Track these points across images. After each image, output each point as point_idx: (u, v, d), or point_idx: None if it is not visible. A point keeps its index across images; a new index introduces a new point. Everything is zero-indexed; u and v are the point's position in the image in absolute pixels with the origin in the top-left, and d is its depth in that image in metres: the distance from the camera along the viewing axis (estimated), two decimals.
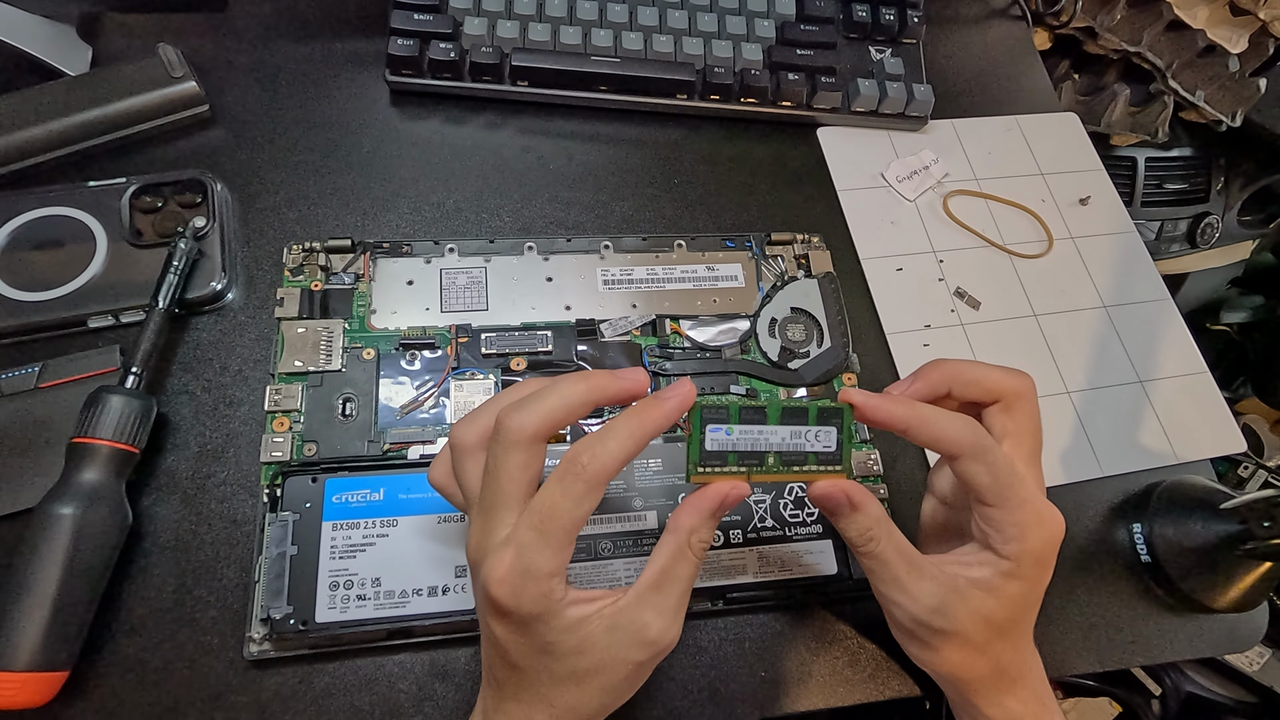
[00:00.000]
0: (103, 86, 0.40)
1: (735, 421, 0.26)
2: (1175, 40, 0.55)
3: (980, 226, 0.47)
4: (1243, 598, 0.37)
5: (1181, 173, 0.63)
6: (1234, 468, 0.54)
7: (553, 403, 0.25)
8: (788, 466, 0.26)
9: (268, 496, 0.33)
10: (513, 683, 0.26)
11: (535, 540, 0.24)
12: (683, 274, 0.42)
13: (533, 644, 0.24)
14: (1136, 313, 0.46)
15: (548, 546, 0.24)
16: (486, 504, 0.25)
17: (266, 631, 0.31)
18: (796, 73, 0.47)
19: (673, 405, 0.25)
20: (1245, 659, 0.54)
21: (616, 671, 0.25)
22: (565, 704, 0.25)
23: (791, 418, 0.26)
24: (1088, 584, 0.38)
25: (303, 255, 0.39)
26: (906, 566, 0.28)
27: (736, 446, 0.26)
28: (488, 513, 0.25)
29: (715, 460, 0.26)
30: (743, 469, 0.26)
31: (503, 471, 0.25)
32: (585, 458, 0.24)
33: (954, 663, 0.29)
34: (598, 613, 0.25)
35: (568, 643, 0.24)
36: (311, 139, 0.44)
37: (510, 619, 0.24)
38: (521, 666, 0.25)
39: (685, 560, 0.26)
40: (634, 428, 0.25)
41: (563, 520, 0.24)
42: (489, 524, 0.25)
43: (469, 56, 0.44)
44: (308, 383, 0.36)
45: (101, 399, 0.31)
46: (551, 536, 0.24)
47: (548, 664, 0.25)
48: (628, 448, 0.24)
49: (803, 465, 0.26)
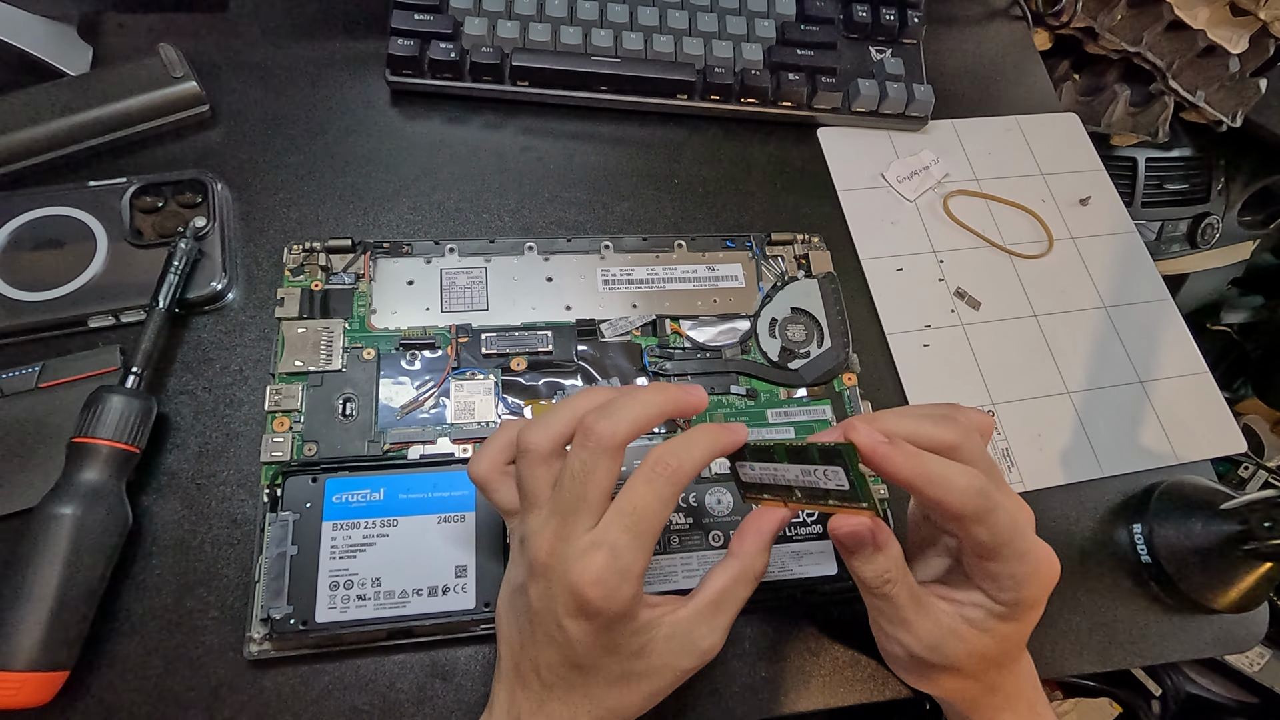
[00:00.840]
0: (103, 86, 0.40)
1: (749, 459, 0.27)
2: (1175, 40, 0.55)
3: (980, 227, 0.47)
4: (1243, 598, 0.37)
5: (1182, 173, 0.63)
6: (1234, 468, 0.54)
7: (637, 411, 0.26)
8: (814, 500, 0.26)
9: (268, 496, 0.33)
10: (565, 683, 0.26)
11: (629, 541, 0.24)
12: (683, 274, 0.42)
13: (606, 644, 0.25)
14: (1137, 313, 0.46)
15: (641, 547, 0.24)
16: (566, 507, 0.25)
17: (266, 631, 0.31)
18: (797, 73, 0.47)
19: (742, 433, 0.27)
20: (1245, 659, 0.53)
21: (664, 677, 0.26)
22: (611, 705, 0.26)
23: (796, 457, 0.26)
24: (1088, 584, 0.38)
25: (303, 255, 0.39)
26: (915, 607, 0.28)
27: (763, 480, 0.28)
28: (568, 516, 0.25)
29: (754, 490, 0.28)
30: (779, 499, 0.28)
31: (592, 476, 0.25)
32: (673, 460, 0.25)
33: (948, 689, 0.30)
34: (660, 619, 0.26)
35: (633, 645, 0.25)
36: (312, 139, 0.44)
37: (598, 619, 0.24)
38: (585, 666, 0.25)
39: (745, 585, 0.27)
40: (713, 440, 0.26)
41: (652, 521, 0.25)
42: (569, 527, 0.25)
43: (469, 56, 0.44)
44: (308, 383, 0.36)
45: (102, 399, 0.31)
46: (643, 537, 0.24)
47: (609, 664, 0.25)
48: (707, 456, 0.26)
49: (825, 500, 0.26)
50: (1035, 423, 0.42)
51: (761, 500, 0.28)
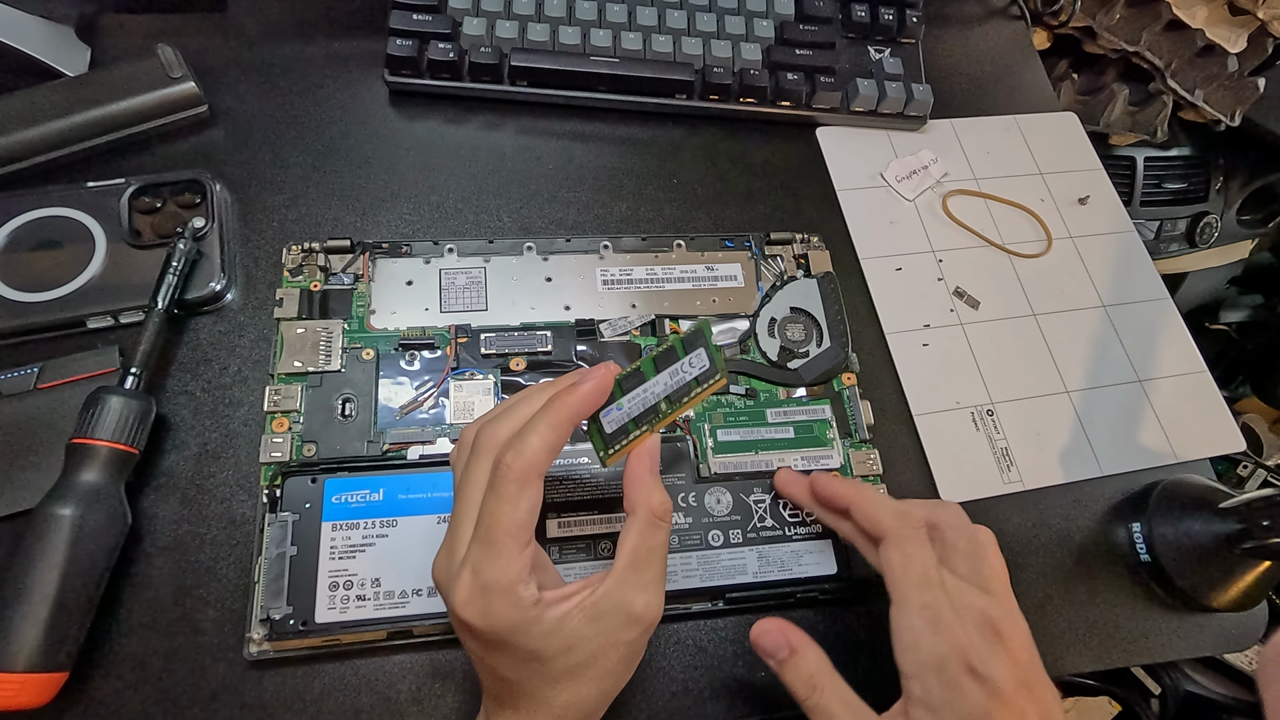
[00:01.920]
0: (102, 87, 0.40)
1: (620, 395, 0.27)
2: (1174, 40, 0.55)
3: (979, 226, 0.47)
4: (1242, 597, 0.37)
5: (1180, 172, 0.63)
6: (1233, 467, 0.54)
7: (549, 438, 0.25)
8: (678, 403, 0.27)
9: (267, 497, 0.33)
10: (509, 694, 0.25)
11: (484, 553, 0.23)
12: (682, 274, 0.42)
13: (516, 655, 0.24)
14: (1136, 312, 0.46)
15: (499, 556, 0.23)
16: (453, 523, 0.25)
17: (266, 632, 0.31)
18: (795, 72, 0.47)
19: (588, 388, 0.26)
20: (1244, 658, 0.53)
21: (609, 657, 0.25)
22: (565, 702, 0.25)
23: (664, 361, 0.28)
24: (1087, 583, 0.38)
25: (302, 255, 0.39)
26: (850, 716, 0.27)
27: (631, 414, 0.28)
28: (452, 533, 0.25)
29: (619, 437, 0.28)
30: (644, 428, 0.27)
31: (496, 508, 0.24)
32: (509, 457, 0.24)
33: None
34: (577, 606, 0.25)
35: (554, 644, 0.24)
36: (310, 139, 0.44)
37: (486, 638, 0.24)
38: (510, 678, 0.25)
39: (655, 530, 0.26)
40: (552, 418, 0.25)
41: (504, 524, 0.24)
42: (453, 543, 0.25)
43: (468, 57, 0.44)
44: (307, 383, 0.36)
45: (101, 400, 0.31)
46: (498, 544, 0.23)
47: (537, 669, 0.24)
48: (549, 439, 0.25)
49: (689, 393, 0.27)
50: (1034, 422, 0.42)
51: (625, 445, 0.27)
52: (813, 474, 0.34)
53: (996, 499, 0.40)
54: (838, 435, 0.38)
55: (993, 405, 0.42)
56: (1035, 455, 0.41)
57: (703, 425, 0.38)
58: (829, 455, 0.38)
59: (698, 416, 0.38)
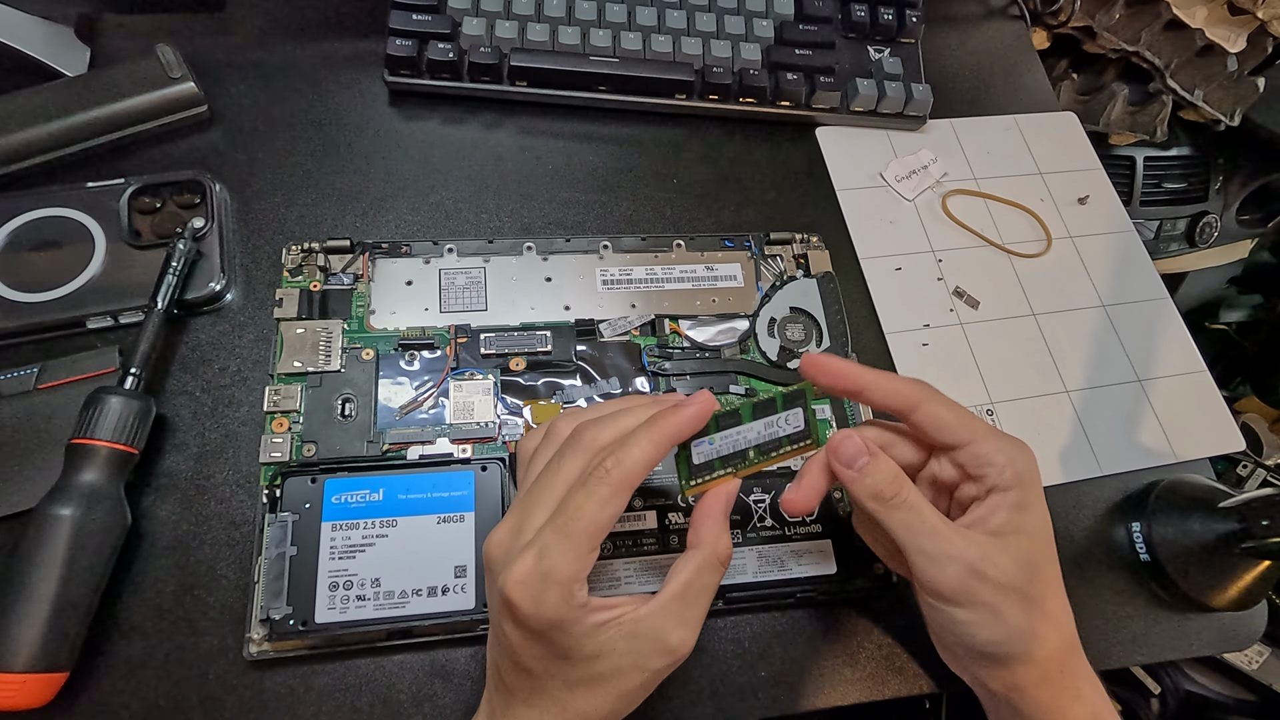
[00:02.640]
0: (101, 87, 0.40)
1: (714, 430, 0.28)
2: (1174, 39, 0.55)
3: (979, 226, 0.47)
4: (1241, 596, 0.37)
5: (1180, 172, 0.63)
6: (1233, 466, 0.54)
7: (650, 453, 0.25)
8: (766, 455, 0.28)
9: (267, 497, 0.33)
10: (524, 687, 0.25)
11: (557, 543, 0.24)
12: (682, 274, 0.42)
13: (549, 650, 0.24)
14: (1135, 312, 0.46)
15: (570, 549, 0.24)
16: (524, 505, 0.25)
17: (266, 632, 0.31)
18: (795, 72, 0.47)
19: (692, 412, 0.26)
20: (1244, 658, 0.54)
21: (632, 678, 0.25)
22: (578, 709, 0.25)
23: (762, 411, 0.28)
24: (1087, 583, 0.38)
25: (301, 256, 0.39)
26: (939, 518, 0.27)
27: (720, 452, 0.28)
28: (522, 513, 0.25)
29: (704, 470, 0.28)
30: (728, 470, 0.28)
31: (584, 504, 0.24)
32: (610, 462, 0.25)
33: (1025, 633, 0.27)
34: (617, 620, 0.25)
35: (586, 648, 0.24)
36: (310, 139, 0.44)
37: (527, 625, 0.24)
38: (534, 671, 0.25)
39: (712, 572, 0.26)
40: (656, 434, 0.25)
41: (585, 523, 0.24)
42: (521, 523, 0.25)
43: (467, 57, 0.44)
44: (307, 383, 0.36)
45: (100, 400, 0.31)
46: (574, 539, 0.24)
47: (563, 669, 0.25)
48: (649, 454, 0.25)
49: (779, 449, 0.28)
50: (1034, 422, 0.42)
51: (707, 482, 0.28)
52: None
53: None
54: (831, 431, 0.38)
55: (992, 405, 0.42)
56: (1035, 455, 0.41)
57: None
58: None
59: None
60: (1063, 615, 0.28)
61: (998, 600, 0.26)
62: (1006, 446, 0.28)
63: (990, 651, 0.28)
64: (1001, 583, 0.26)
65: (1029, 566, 0.27)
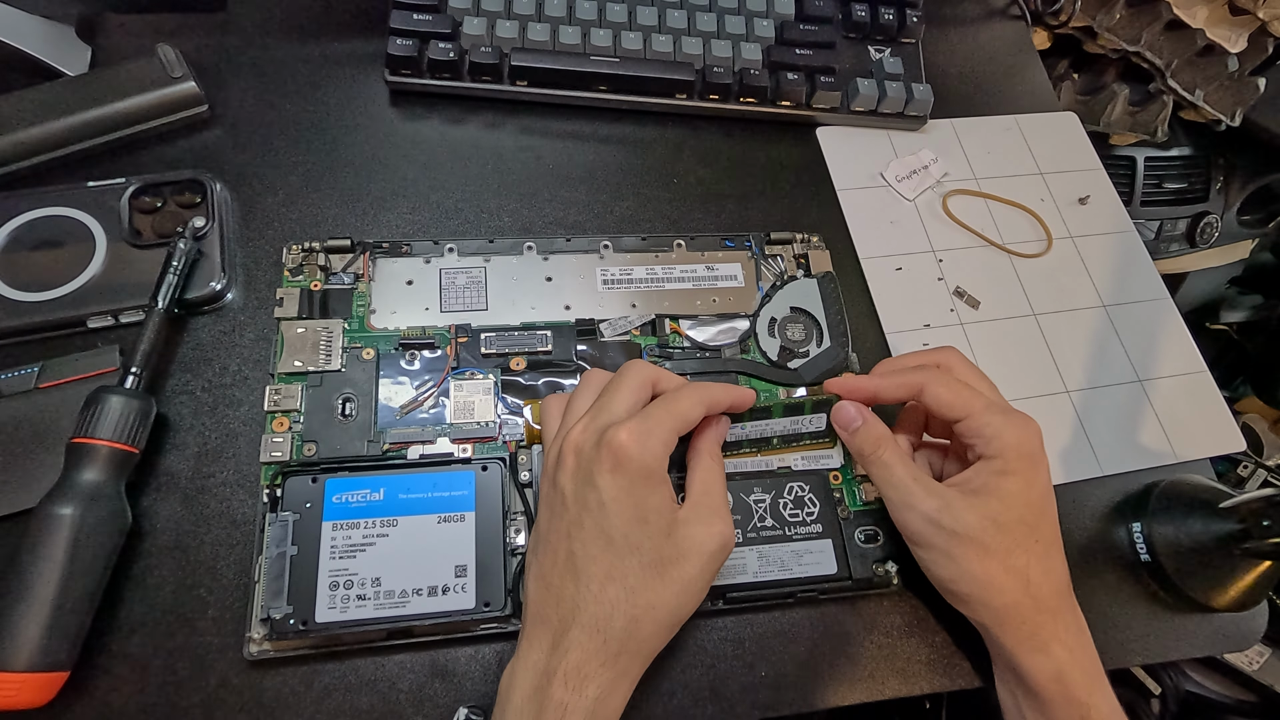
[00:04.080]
0: (102, 87, 0.40)
1: (748, 419, 0.34)
2: (1174, 39, 0.55)
3: (979, 226, 0.47)
4: (1242, 597, 0.37)
5: (1181, 172, 0.63)
6: (1233, 467, 0.54)
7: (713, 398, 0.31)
8: (787, 443, 0.36)
9: (268, 496, 0.33)
10: (602, 570, 0.27)
11: (660, 410, 0.28)
12: (682, 274, 0.42)
13: (636, 506, 0.27)
14: (1136, 312, 0.46)
15: (668, 417, 0.28)
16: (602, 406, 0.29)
17: (266, 631, 0.31)
18: (795, 72, 0.47)
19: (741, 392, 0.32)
20: (1244, 658, 0.54)
21: (693, 562, 0.28)
22: (647, 599, 0.27)
23: (793, 410, 0.34)
24: (1087, 583, 0.38)
25: (302, 255, 0.39)
26: (912, 474, 0.32)
27: (750, 436, 0.35)
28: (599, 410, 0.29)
29: (733, 447, 0.35)
30: (754, 449, 0.35)
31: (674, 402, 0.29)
32: (705, 391, 0.30)
33: (979, 578, 0.30)
34: (676, 503, 0.29)
35: (662, 521, 0.27)
36: (311, 139, 0.44)
37: (629, 469, 0.27)
38: (616, 539, 0.27)
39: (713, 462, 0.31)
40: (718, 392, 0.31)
41: (682, 406, 0.29)
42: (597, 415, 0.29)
43: (468, 56, 0.44)
44: (307, 383, 0.36)
45: (101, 399, 0.31)
46: (671, 413, 0.28)
47: (639, 540, 0.27)
48: (714, 398, 0.30)
49: (799, 440, 0.35)
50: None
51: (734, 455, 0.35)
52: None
53: None
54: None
55: None
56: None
57: None
58: (828, 455, 0.38)
59: None
60: (1036, 576, 0.30)
61: (951, 546, 0.30)
62: (997, 420, 0.31)
63: (949, 588, 0.32)
64: (956, 531, 0.30)
65: (994, 523, 0.30)
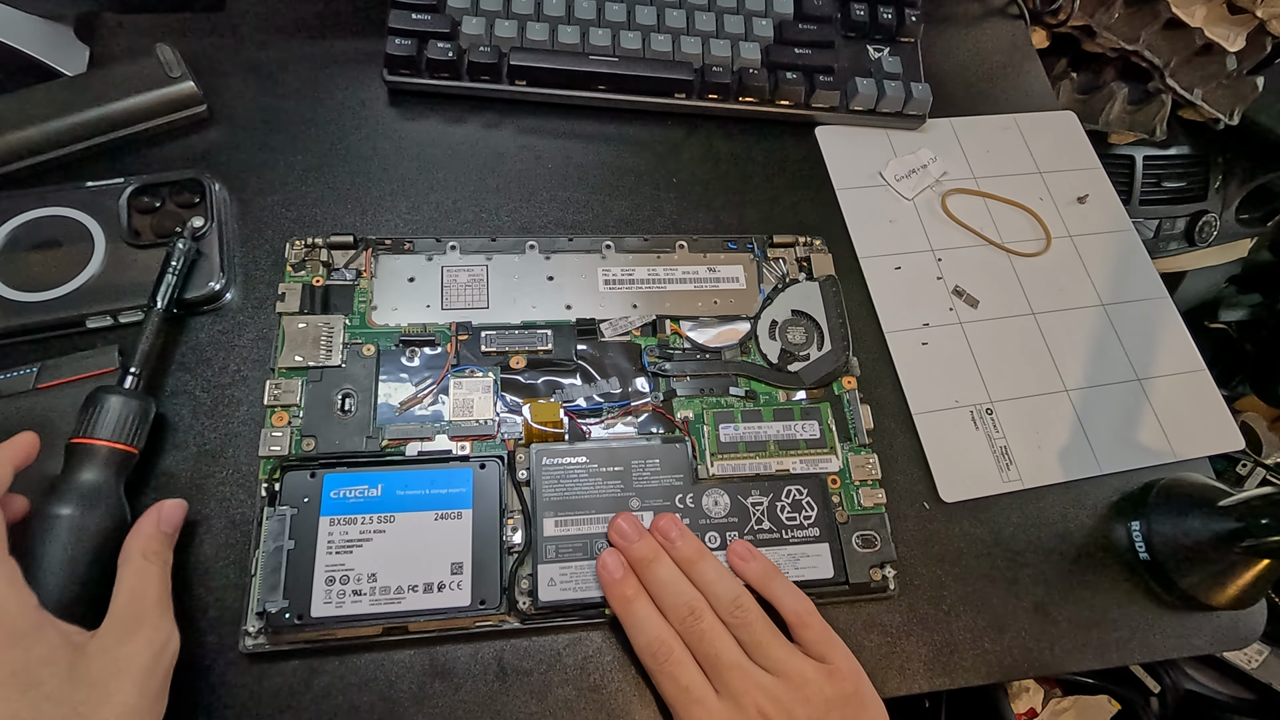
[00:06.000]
0: (100, 87, 0.40)
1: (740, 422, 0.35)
2: (1173, 38, 0.56)
3: (978, 225, 0.47)
4: (1241, 595, 0.37)
5: (1179, 171, 0.63)
6: (1232, 465, 0.54)
7: None
8: (786, 451, 0.36)
9: (266, 490, 0.33)
10: None
11: None
12: (684, 275, 0.42)
13: (13, 676, 0.24)
14: (1135, 311, 0.46)
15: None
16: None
17: (262, 625, 0.31)
18: (794, 72, 0.47)
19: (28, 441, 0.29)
20: (1244, 656, 0.54)
21: (127, 688, 0.26)
22: None
23: (783, 416, 0.36)
24: (1086, 582, 0.38)
25: (305, 250, 0.39)
26: None
27: (744, 439, 0.35)
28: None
29: (729, 450, 0.36)
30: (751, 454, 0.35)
31: None
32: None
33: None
34: (83, 631, 0.27)
35: (58, 669, 0.25)
36: (309, 139, 0.44)
37: None
38: None
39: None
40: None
41: None
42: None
43: (467, 56, 0.44)
44: (307, 378, 0.36)
45: (100, 399, 0.31)
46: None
47: (40, 708, 0.24)
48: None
49: (796, 449, 0.36)
50: (1033, 421, 0.42)
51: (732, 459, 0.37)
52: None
53: (995, 498, 0.40)
54: (837, 439, 0.38)
55: (992, 404, 0.42)
56: (1034, 454, 0.41)
57: (701, 427, 0.38)
58: (828, 459, 0.38)
59: (697, 418, 0.38)
60: None
61: None
62: None
63: None
64: None
65: None
